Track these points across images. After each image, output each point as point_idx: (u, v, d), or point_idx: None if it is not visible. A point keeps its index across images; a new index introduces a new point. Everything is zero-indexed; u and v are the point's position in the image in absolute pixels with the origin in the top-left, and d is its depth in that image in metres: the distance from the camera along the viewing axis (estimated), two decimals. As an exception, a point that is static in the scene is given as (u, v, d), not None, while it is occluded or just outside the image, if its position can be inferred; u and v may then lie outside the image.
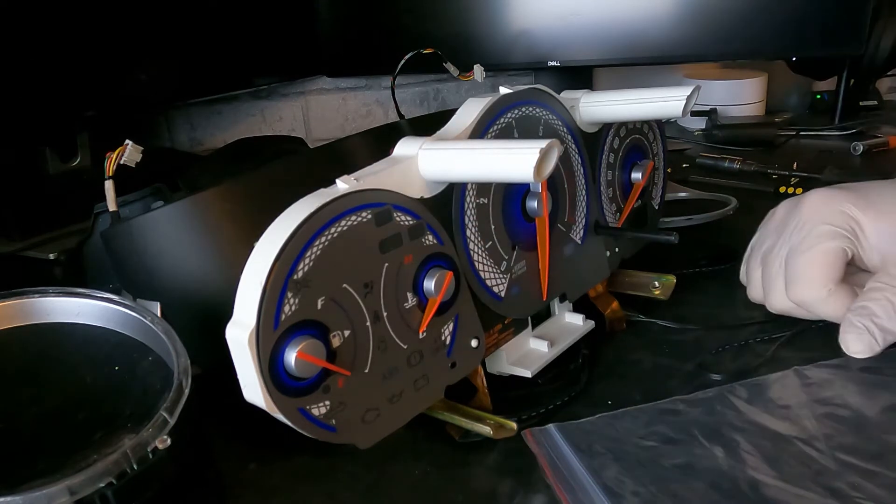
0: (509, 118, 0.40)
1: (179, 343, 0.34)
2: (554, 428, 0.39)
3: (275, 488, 0.37)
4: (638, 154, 0.52)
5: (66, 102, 0.69)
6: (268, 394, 0.30)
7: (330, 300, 0.31)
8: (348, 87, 1.09)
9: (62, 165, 0.72)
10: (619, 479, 0.35)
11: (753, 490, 0.34)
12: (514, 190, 0.41)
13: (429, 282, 0.35)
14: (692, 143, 1.01)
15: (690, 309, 0.53)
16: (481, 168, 0.33)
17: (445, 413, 0.39)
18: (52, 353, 0.36)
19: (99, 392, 0.33)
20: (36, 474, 0.27)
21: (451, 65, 0.54)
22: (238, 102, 1.05)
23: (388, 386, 0.35)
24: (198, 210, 0.39)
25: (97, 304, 0.37)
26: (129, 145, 0.41)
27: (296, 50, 0.96)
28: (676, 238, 0.45)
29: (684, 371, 0.45)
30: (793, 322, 0.50)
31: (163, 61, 0.79)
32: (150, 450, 0.28)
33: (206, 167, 0.72)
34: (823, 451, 0.36)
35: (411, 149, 0.36)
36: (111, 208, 0.41)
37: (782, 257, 0.48)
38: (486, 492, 0.36)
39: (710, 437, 0.38)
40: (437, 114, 0.49)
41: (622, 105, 0.45)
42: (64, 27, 0.67)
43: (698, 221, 0.67)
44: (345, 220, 0.32)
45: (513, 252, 0.41)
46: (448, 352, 0.38)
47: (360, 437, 0.34)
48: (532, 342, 0.44)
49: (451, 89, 1.12)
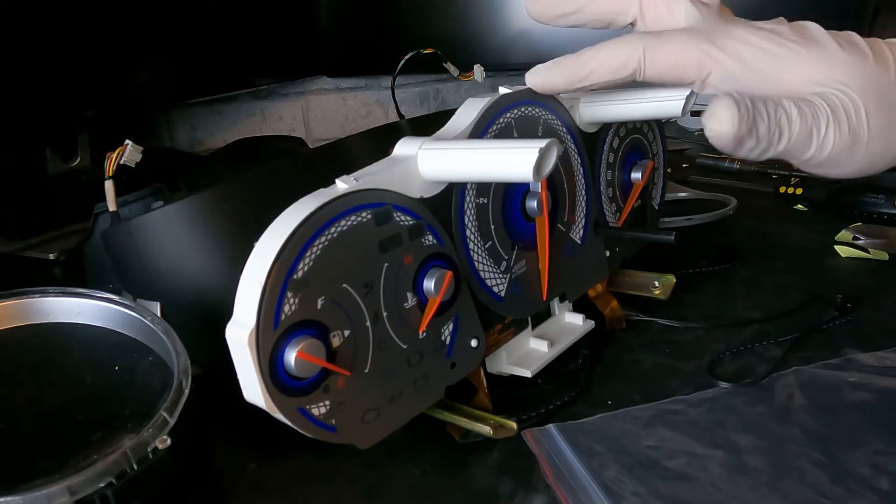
0: (509, 118, 0.40)
1: (179, 343, 0.34)
2: (554, 428, 0.39)
3: (275, 488, 0.37)
4: (638, 154, 0.52)
5: (66, 102, 0.69)
6: (268, 394, 0.30)
7: (330, 300, 0.31)
8: (348, 87, 1.09)
9: (62, 165, 0.72)
10: (618, 479, 0.35)
11: (754, 490, 0.34)
12: (513, 190, 0.41)
13: (429, 282, 0.35)
14: (692, 143, 1.01)
15: (690, 309, 0.53)
16: (481, 168, 0.33)
17: (445, 413, 0.39)
18: (52, 353, 0.36)
19: (99, 392, 0.33)
20: (36, 474, 0.27)
21: (451, 65, 0.55)
22: (238, 102, 1.05)
23: (388, 386, 0.35)
24: (198, 210, 0.39)
25: (97, 304, 0.37)
26: (129, 145, 0.41)
27: (296, 50, 0.96)
28: (676, 238, 0.45)
29: (684, 371, 0.45)
30: (793, 322, 0.50)
31: (163, 61, 0.79)
32: (150, 450, 0.28)
33: (206, 167, 0.72)
34: (823, 452, 0.36)
35: (411, 149, 0.36)
36: (111, 208, 0.41)
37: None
38: (486, 492, 0.36)
39: (710, 438, 0.38)
40: (437, 114, 0.49)
41: (622, 105, 0.45)
42: (64, 27, 0.66)
43: (698, 221, 0.67)
44: (345, 220, 0.32)
45: (513, 252, 0.41)
46: (448, 352, 0.38)
47: (360, 437, 0.34)
48: (532, 342, 0.44)
49: (451, 89, 1.12)
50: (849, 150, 0.34)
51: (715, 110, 0.33)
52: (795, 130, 0.33)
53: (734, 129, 0.32)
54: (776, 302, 0.54)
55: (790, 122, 0.33)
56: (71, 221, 0.67)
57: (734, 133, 0.32)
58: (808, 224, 0.70)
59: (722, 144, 0.33)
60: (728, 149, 0.33)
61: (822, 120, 0.33)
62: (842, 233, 0.62)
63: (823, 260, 0.62)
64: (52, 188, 0.71)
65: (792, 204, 0.75)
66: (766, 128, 0.33)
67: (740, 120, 0.32)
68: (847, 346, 0.47)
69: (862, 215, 0.68)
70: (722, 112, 0.32)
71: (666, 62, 0.36)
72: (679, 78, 0.36)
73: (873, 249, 0.60)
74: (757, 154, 0.34)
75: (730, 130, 0.32)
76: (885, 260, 0.60)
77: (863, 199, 0.69)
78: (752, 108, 0.32)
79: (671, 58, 0.36)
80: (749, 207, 0.73)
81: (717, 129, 0.33)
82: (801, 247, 0.65)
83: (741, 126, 0.32)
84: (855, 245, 0.61)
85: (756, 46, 0.35)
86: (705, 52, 0.35)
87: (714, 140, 0.33)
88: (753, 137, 0.33)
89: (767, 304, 0.53)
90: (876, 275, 0.58)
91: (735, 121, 0.32)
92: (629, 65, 0.36)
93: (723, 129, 0.32)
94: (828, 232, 0.64)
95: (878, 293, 0.54)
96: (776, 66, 0.35)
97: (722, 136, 0.33)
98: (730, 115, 0.32)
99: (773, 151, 0.34)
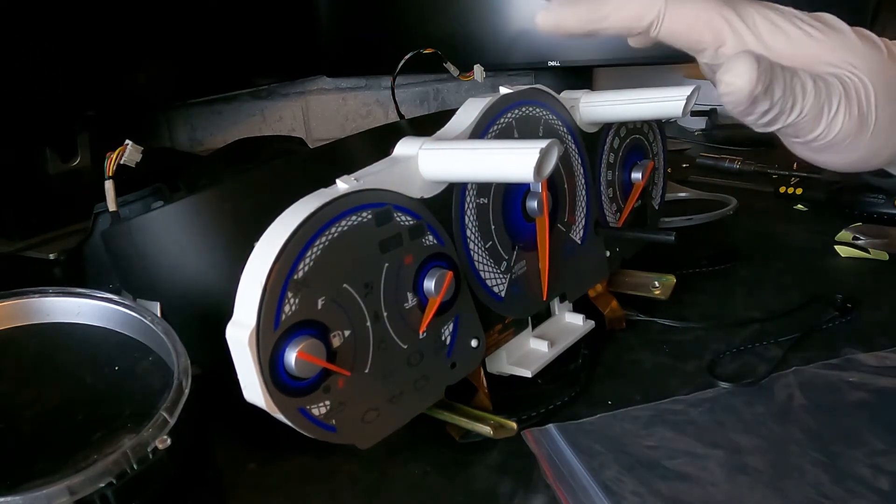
0: (509, 118, 0.40)
1: (179, 343, 0.34)
2: (554, 428, 0.39)
3: (275, 488, 0.37)
4: (638, 154, 0.52)
5: (66, 102, 0.69)
6: (268, 394, 0.30)
7: (330, 300, 0.31)
8: (348, 87, 1.09)
9: (62, 165, 0.72)
10: (618, 479, 0.35)
11: (754, 490, 0.34)
12: (514, 190, 0.41)
13: (429, 282, 0.35)
14: (692, 143, 1.01)
15: (690, 309, 0.53)
16: (481, 168, 0.33)
17: (445, 413, 0.39)
18: (52, 353, 0.36)
19: (99, 392, 0.33)
20: (36, 474, 0.27)
21: (451, 65, 0.55)
22: (238, 102, 1.05)
23: (388, 386, 0.35)
24: (198, 210, 0.39)
25: (97, 304, 0.37)
26: (129, 145, 0.41)
27: (296, 50, 0.96)
28: (676, 238, 0.45)
29: (684, 371, 0.45)
30: (793, 322, 0.50)
31: (163, 61, 0.79)
32: (150, 450, 0.28)
33: (206, 167, 0.72)
34: (823, 452, 0.36)
35: (411, 149, 0.36)
36: (111, 208, 0.41)
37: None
38: (486, 492, 0.36)
39: (710, 438, 0.38)
40: (437, 114, 0.49)
41: (622, 105, 0.45)
42: (64, 27, 0.66)
43: (698, 221, 0.67)
44: (345, 220, 0.32)
45: (513, 252, 0.41)
46: (448, 352, 0.38)
47: (360, 437, 0.34)
48: (532, 342, 0.44)
49: (451, 89, 1.12)
50: (855, 135, 0.34)
51: (733, 65, 0.31)
52: (809, 103, 0.33)
53: (751, 85, 0.31)
54: (776, 302, 0.54)
55: (804, 93, 0.33)
56: (71, 221, 0.67)
57: (750, 89, 0.31)
58: (808, 224, 0.71)
59: (736, 101, 0.32)
60: (741, 107, 0.33)
61: (834, 98, 0.33)
62: (842, 233, 0.62)
63: (823, 260, 0.62)
64: (52, 188, 0.71)
65: (792, 204, 0.75)
66: (781, 91, 0.32)
67: (759, 76, 0.31)
68: (847, 346, 0.47)
69: (862, 215, 0.68)
70: (741, 67, 0.31)
71: (684, 22, 0.35)
72: (695, 41, 0.35)
73: (873, 249, 0.60)
74: (767, 120, 0.33)
75: (746, 86, 0.31)
76: (885, 260, 0.60)
77: (863, 199, 0.69)
78: (771, 68, 0.32)
79: (690, 18, 0.34)
80: (749, 207, 0.73)
81: (734, 82, 0.31)
82: (801, 247, 0.65)
83: (759, 82, 0.31)
84: (855, 245, 0.61)
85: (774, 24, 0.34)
86: (726, 18, 0.34)
87: (729, 97, 0.32)
88: (768, 99, 0.32)
89: (767, 304, 0.53)
90: (876, 275, 0.58)
91: (753, 76, 0.31)
92: (647, 16, 0.35)
93: (740, 83, 0.31)
94: (828, 232, 0.64)
95: (878, 293, 0.54)
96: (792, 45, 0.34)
97: (738, 90, 0.32)
98: (748, 70, 0.31)
99: (783, 121, 0.33)
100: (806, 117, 0.33)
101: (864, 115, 0.34)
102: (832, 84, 0.33)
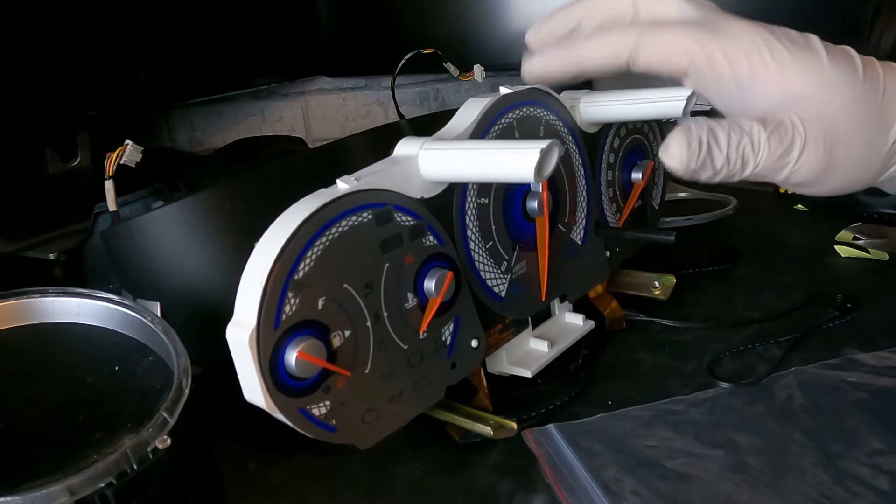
0: (510, 118, 0.40)
1: (179, 343, 0.34)
2: (554, 428, 0.39)
3: (275, 488, 0.37)
4: (638, 154, 0.52)
5: (66, 102, 0.69)
6: (268, 394, 0.30)
7: (330, 300, 0.31)
8: (348, 87, 1.09)
9: (62, 165, 0.72)
10: (618, 479, 0.35)
11: (754, 490, 0.34)
12: (514, 190, 0.41)
13: (429, 282, 0.35)
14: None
15: (690, 309, 0.53)
16: (482, 168, 0.33)
17: (445, 413, 0.39)
18: (52, 353, 0.36)
19: (99, 392, 0.33)
20: (36, 474, 0.27)
21: (451, 65, 0.55)
22: (238, 102, 1.05)
23: (388, 386, 0.35)
24: (198, 210, 0.39)
25: (97, 304, 0.37)
26: (129, 145, 0.41)
27: (296, 50, 0.96)
28: (676, 238, 0.45)
29: (684, 371, 0.45)
30: (793, 322, 0.50)
31: (163, 61, 0.79)
32: (150, 450, 0.28)
33: (206, 167, 0.72)
34: (823, 452, 0.36)
35: (412, 149, 0.36)
36: (111, 208, 0.41)
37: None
38: (486, 492, 0.36)
39: (710, 438, 0.38)
40: (437, 114, 0.49)
41: (622, 105, 0.45)
42: (64, 27, 0.66)
43: (698, 221, 0.67)
44: (345, 220, 0.32)
45: (513, 252, 0.41)
46: (448, 352, 0.38)
47: (360, 437, 0.34)
48: (532, 342, 0.44)
49: (451, 89, 1.12)
50: (825, 171, 0.34)
51: (667, 143, 0.33)
52: (762, 158, 0.33)
53: (683, 165, 0.33)
54: (776, 302, 0.54)
55: (756, 150, 0.33)
56: (71, 221, 0.67)
57: (684, 168, 0.33)
58: (808, 224, 0.71)
59: (678, 174, 0.34)
60: (686, 178, 0.34)
61: (796, 145, 0.33)
62: (842, 233, 0.62)
63: (823, 260, 0.62)
64: (52, 188, 0.71)
65: (792, 204, 0.75)
66: (723, 160, 0.33)
67: (689, 157, 0.32)
68: (847, 346, 0.47)
69: (862, 215, 0.68)
70: (673, 148, 0.33)
71: (659, 53, 0.35)
72: (675, 70, 0.35)
73: (873, 249, 0.60)
74: (720, 180, 0.34)
75: (679, 166, 0.33)
76: (885, 260, 0.60)
77: (863, 199, 0.69)
78: (708, 141, 0.32)
79: (665, 49, 0.35)
80: (749, 207, 0.73)
81: (668, 163, 0.33)
82: (801, 247, 0.65)
83: (691, 163, 0.32)
84: (855, 245, 0.61)
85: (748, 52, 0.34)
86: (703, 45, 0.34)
87: (670, 169, 0.33)
88: (709, 170, 0.33)
89: (767, 304, 0.53)
90: (876, 275, 0.58)
91: (684, 158, 0.32)
92: (621, 53, 0.35)
93: (673, 164, 0.33)
94: (828, 232, 0.64)
95: (878, 293, 0.54)
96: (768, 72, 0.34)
97: (675, 168, 0.33)
98: (679, 152, 0.32)
99: (738, 178, 0.34)
100: (764, 169, 0.34)
101: (829, 153, 0.33)
102: (793, 128, 0.33)
